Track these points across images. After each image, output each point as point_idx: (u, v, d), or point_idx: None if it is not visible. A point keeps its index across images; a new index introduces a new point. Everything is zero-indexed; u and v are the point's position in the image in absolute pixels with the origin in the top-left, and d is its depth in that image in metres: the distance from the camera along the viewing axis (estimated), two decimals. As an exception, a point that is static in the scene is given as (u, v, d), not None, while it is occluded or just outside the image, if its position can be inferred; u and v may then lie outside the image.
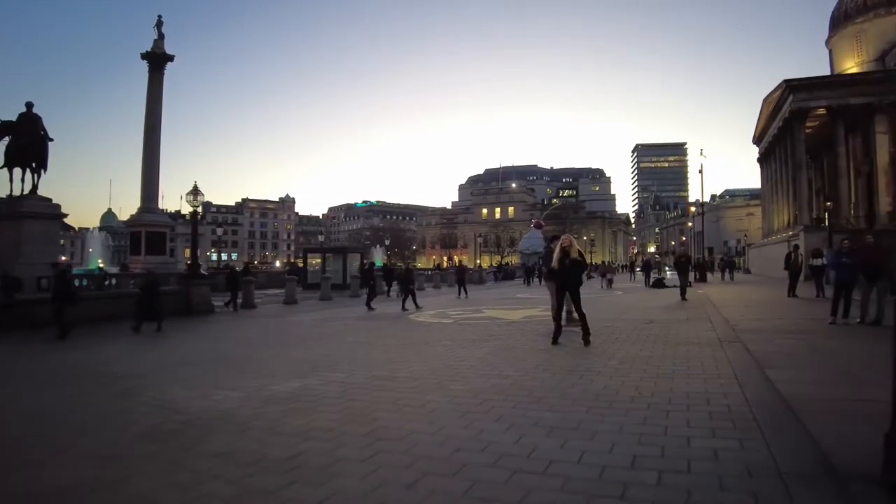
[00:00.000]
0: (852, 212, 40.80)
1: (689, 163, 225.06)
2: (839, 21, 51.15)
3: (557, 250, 8.60)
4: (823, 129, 43.16)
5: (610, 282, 31.34)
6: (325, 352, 8.92)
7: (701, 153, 36.53)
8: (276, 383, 6.43)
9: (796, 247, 20.51)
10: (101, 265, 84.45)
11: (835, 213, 43.67)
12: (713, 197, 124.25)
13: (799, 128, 41.53)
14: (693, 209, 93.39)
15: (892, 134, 39.46)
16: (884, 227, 37.71)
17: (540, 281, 34.21)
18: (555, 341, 8.58)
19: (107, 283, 28.26)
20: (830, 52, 52.82)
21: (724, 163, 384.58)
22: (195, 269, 19.97)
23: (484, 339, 9.64)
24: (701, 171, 36.06)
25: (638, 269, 76.39)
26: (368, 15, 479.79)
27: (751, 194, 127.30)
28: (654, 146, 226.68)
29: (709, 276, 33.46)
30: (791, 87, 41.40)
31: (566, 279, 8.63)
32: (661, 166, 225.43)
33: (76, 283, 16.09)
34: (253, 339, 11.39)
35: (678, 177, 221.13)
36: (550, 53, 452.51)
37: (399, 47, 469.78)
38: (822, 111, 41.68)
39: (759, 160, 59.60)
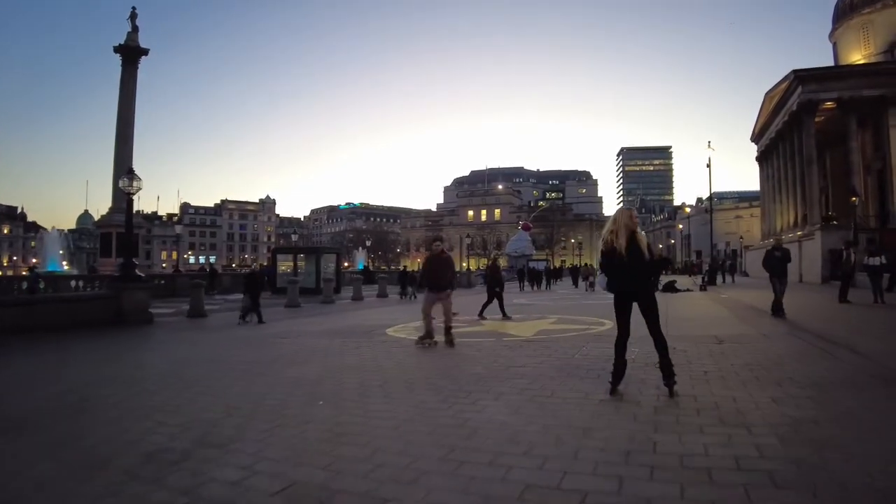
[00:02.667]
0: (866, 210, 38.34)
1: (674, 166, 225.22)
2: (844, 12, 48.83)
3: (620, 233, 5.19)
4: (827, 125, 40.65)
5: (591, 284, 29.64)
6: (235, 401, 5.54)
7: (709, 145, 33.59)
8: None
9: (848, 244, 17.48)
10: (67, 266, 80.00)
11: (844, 211, 41.23)
12: (699, 200, 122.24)
13: (808, 121, 39.00)
14: (688, 209, 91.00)
15: (906, 127, 37.03)
16: (875, 228, 35.28)
17: (533, 286, 30.94)
18: (615, 388, 5.22)
19: (41, 286, 25.07)
20: (834, 45, 50.53)
21: (713, 165, 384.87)
22: (129, 270, 16.46)
23: (496, 374, 6.28)
24: (709, 166, 33.27)
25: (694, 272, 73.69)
26: (355, 16, 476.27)
27: (740, 197, 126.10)
28: (639, 149, 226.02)
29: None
30: (800, 77, 38.85)
31: (637, 283, 5.21)
32: (646, 170, 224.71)
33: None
34: (146, 373, 7.62)
35: (663, 180, 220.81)
36: (536, 55, 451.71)
37: (385, 49, 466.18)
38: (828, 105, 39.20)
39: (759, 158, 57.21)
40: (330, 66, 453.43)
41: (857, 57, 46.20)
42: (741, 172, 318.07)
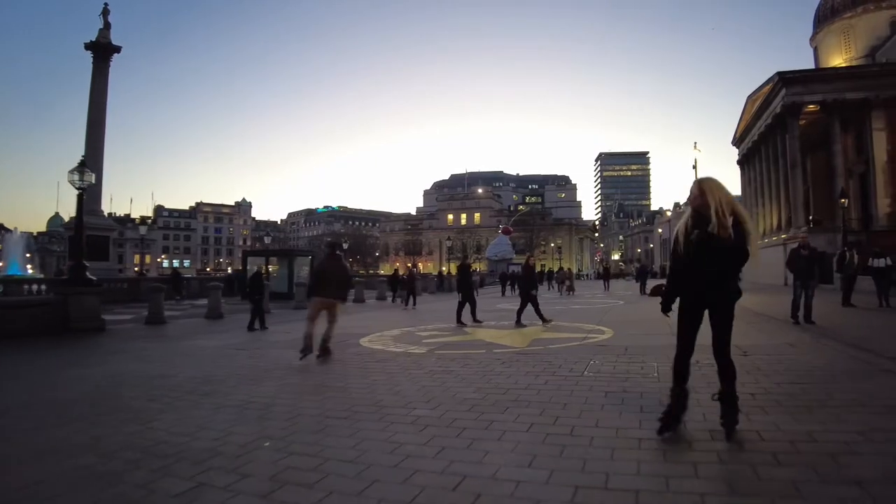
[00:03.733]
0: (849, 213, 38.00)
1: (651, 172, 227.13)
2: (825, 17, 48.85)
3: (686, 217, 3.87)
4: (809, 129, 40.28)
5: (569, 289, 29.81)
6: (161, 435, 4.25)
7: (695, 146, 32.80)
8: None
9: (851, 245, 16.60)
10: (31, 270, 76.85)
11: (827, 214, 40.90)
12: (677, 205, 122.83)
13: (793, 123, 38.59)
14: (669, 213, 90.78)
15: (889, 131, 36.81)
16: (882, 229, 35.01)
17: (513, 289, 29.64)
18: (669, 426, 3.82)
19: (-9, 291, 23.36)
20: (815, 49, 50.53)
21: (689, 171, 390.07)
22: (78, 272, 14.92)
23: (494, 401, 4.97)
24: (695, 167, 32.48)
25: (629, 277, 73.10)
26: (335, 19, 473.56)
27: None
28: (617, 155, 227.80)
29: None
30: (784, 80, 38.45)
31: (707, 288, 3.77)
32: (624, 175, 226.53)
33: None
34: (63, 396, 5.94)
35: (641, 185, 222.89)
36: (515, 60, 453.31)
37: (365, 53, 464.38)
38: (810, 108, 38.89)
39: (740, 162, 56.91)
40: (309, 70, 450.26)
41: (838, 61, 46.16)
42: (719, 177, 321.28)
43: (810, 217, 38.80)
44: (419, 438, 3.89)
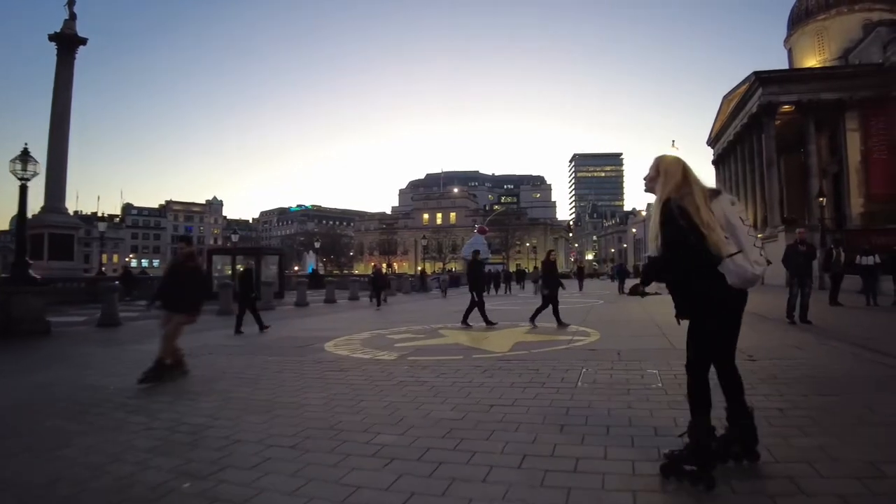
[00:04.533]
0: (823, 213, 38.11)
1: (625, 173, 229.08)
2: (799, 18, 49.10)
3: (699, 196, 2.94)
4: (783, 129, 40.36)
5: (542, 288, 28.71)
6: (57, 470, 3.34)
7: (673, 144, 32.47)
8: None
9: (837, 242, 16.14)
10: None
11: (801, 213, 41.03)
12: (650, 206, 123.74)
13: (768, 123, 38.65)
14: (643, 213, 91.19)
15: (863, 131, 37.01)
16: (855, 228, 35.15)
17: (505, 289, 28.75)
18: (706, 477, 2.77)
19: None
20: (789, 51, 50.79)
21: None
22: (20, 271, 13.70)
23: (475, 421, 4.10)
24: (673, 165, 32.06)
25: (604, 277, 72.67)
26: (308, 17, 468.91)
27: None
28: (591, 156, 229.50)
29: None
30: (761, 79, 38.46)
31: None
32: (597, 175, 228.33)
33: None
34: None
35: (614, 186, 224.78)
36: (491, 60, 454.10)
37: (339, 52, 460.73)
38: (785, 109, 38.98)
39: (715, 162, 57.10)
40: (282, 67, 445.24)
41: (812, 62, 46.37)
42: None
43: (784, 216, 38.82)
44: (381, 479, 3.01)
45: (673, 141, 35.00)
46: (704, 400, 2.95)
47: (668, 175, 2.97)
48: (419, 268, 69.41)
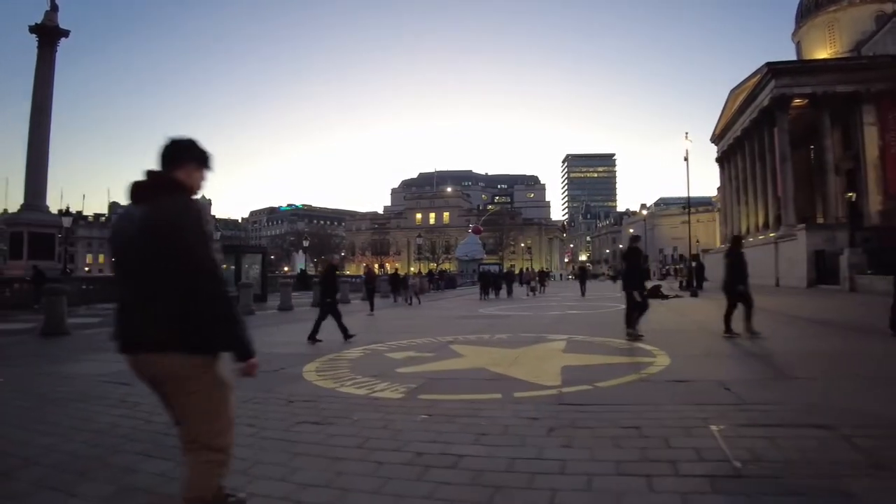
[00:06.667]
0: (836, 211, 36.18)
1: (617, 173, 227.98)
2: (809, 11, 47.34)
3: None
4: (791, 124, 38.38)
5: (533, 290, 29.99)
6: None
7: (686, 136, 30.28)
8: None
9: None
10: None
11: (813, 211, 39.21)
12: (643, 206, 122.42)
13: (781, 116, 36.67)
14: (645, 212, 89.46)
15: (881, 125, 35.06)
16: (873, 226, 33.23)
17: (489, 292, 26.17)
18: None
19: None
20: (798, 44, 49.03)
21: (656, 173, 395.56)
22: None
23: None
24: (686, 159, 29.97)
25: (602, 277, 70.00)
26: (299, 14, 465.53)
27: (685, 203, 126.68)
28: (584, 156, 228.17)
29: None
30: (773, 71, 36.49)
31: None
32: (590, 176, 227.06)
33: None
34: None
35: (607, 187, 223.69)
36: (484, 59, 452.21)
37: (330, 49, 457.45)
38: (796, 103, 37.05)
39: (720, 160, 55.19)
40: (273, 65, 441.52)
41: (822, 56, 44.57)
42: (693, 177, 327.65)
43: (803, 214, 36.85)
44: None
45: (686, 133, 32.82)
46: None
47: None
48: (411, 268, 66.73)
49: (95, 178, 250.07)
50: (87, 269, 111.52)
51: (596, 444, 3.49)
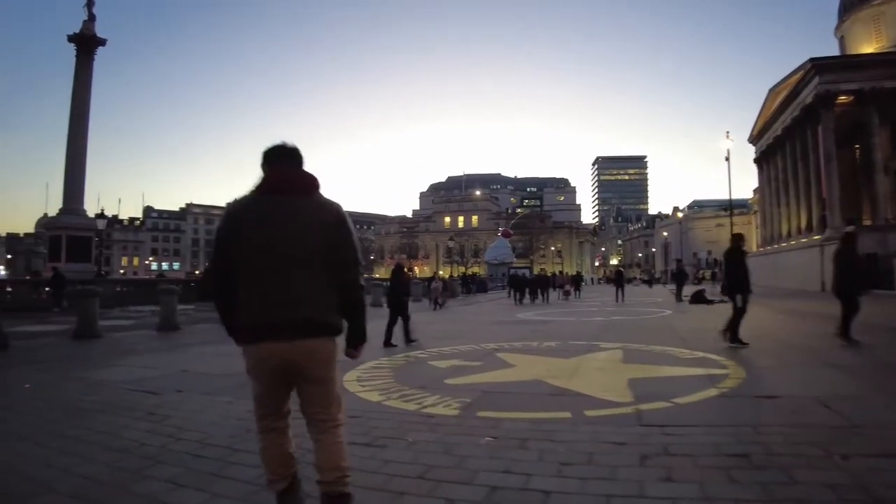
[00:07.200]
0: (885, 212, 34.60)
1: (649, 175, 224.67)
2: (852, 5, 45.67)
3: None
4: (836, 122, 36.87)
5: (567, 294, 29.89)
6: None
7: (727, 136, 29.26)
8: None
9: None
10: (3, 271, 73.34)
11: (857, 213, 37.60)
12: (675, 209, 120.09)
13: (826, 114, 35.26)
14: (681, 214, 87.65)
15: (935, 123, 33.52)
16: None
17: (523, 297, 25.21)
18: None
19: None
20: (841, 39, 47.31)
21: (689, 175, 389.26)
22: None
23: None
24: (727, 159, 28.94)
25: (636, 281, 67.73)
26: (331, 15, 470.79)
27: (720, 205, 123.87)
28: (614, 159, 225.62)
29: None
30: (817, 66, 35.12)
31: None
32: (621, 179, 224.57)
33: None
34: None
35: (638, 189, 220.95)
36: (513, 63, 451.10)
37: (361, 53, 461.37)
38: (843, 99, 35.60)
39: (758, 160, 53.59)
40: (304, 70, 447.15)
41: (867, 51, 42.89)
42: (721, 181, 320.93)
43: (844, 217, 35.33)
44: None
45: (727, 132, 31.65)
46: None
47: None
48: (440, 272, 66.07)
49: (131, 182, 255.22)
50: (121, 271, 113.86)
51: (704, 477, 2.91)
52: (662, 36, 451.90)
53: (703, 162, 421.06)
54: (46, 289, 22.33)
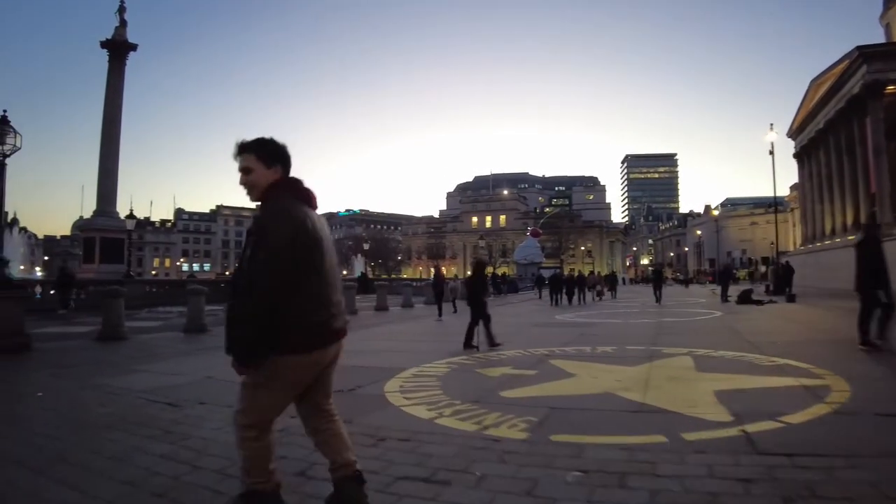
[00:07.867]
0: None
1: (679, 174, 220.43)
2: (901, -10, 43.48)
3: None
4: (884, 113, 35.05)
5: (600, 294, 29.34)
6: None
7: (771, 128, 27.95)
8: None
9: None
10: (40, 273, 74.87)
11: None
12: (707, 208, 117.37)
13: (874, 105, 33.49)
14: (716, 212, 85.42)
15: None
16: None
17: (582, 298, 24.21)
18: None
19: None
20: (887, 27, 45.15)
21: (720, 173, 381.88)
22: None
23: None
24: (772, 153, 27.68)
25: (668, 281, 65.52)
26: (357, 18, 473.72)
27: (754, 203, 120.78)
28: (644, 157, 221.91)
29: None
30: (864, 55, 33.38)
31: None
32: (651, 177, 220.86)
33: None
34: None
35: (669, 188, 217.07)
36: (539, 61, 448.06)
37: (388, 53, 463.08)
38: (891, 89, 33.81)
39: (798, 155, 51.57)
40: (330, 70, 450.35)
41: (917, 38, 40.91)
42: (755, 179, 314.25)
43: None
44: None
45: (771, 125, 30.28)
46: None
47: None
48: (467, 272, 64.99)
49: (162, 185, 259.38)
50: (154, 272, 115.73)
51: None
52: (692, 31, 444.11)
53: (735, 160, 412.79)
54: (52, 291, 22.20)
